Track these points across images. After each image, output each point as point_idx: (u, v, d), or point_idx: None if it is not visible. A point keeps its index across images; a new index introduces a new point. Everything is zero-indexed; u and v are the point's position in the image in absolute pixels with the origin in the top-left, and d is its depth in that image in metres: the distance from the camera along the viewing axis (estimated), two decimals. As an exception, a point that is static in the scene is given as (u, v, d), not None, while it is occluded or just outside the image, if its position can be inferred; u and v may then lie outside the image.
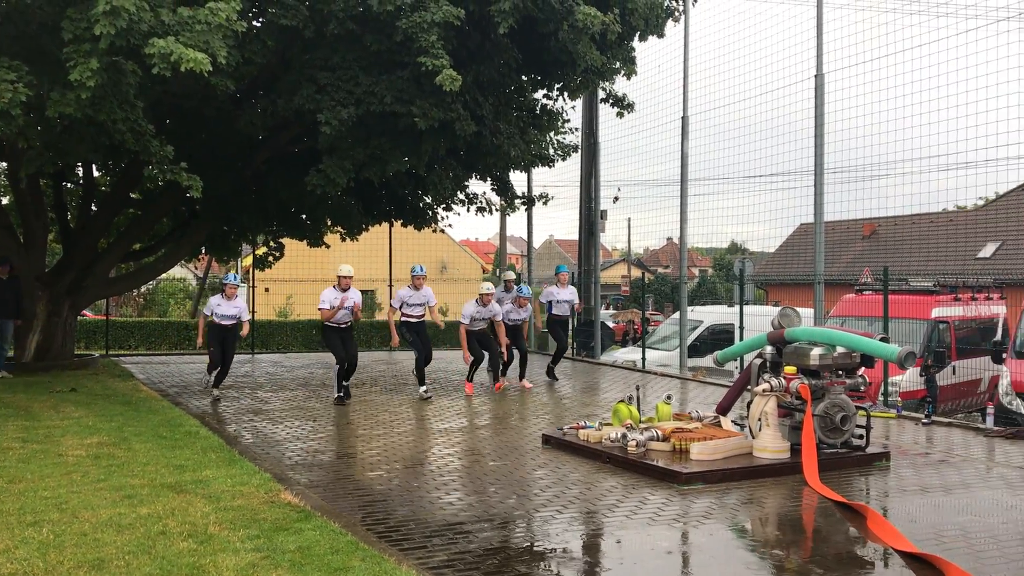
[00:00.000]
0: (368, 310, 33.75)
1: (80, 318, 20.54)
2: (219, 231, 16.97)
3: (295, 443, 9.30)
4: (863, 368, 8.61)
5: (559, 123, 16.07)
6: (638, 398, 9.73)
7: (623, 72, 14.34)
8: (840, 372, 8.40)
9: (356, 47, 12.05)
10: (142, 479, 7.11)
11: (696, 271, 57.92)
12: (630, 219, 34.97)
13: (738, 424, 8.99)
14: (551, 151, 16.35)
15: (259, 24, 12.46)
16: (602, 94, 16.32)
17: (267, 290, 27.80)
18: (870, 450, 8.42)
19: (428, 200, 16.70)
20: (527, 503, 6.89)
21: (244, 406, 11.89)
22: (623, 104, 15.77)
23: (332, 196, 14.16)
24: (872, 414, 8.95)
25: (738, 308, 15.69)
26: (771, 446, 8.07)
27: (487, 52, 12.68)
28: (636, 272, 45.76)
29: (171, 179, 11.68)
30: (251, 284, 20.02)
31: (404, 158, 13.16)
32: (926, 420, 10.75)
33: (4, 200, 17.61)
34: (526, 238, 22.39)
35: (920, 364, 12.21)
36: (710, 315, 20.21)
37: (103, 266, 16.15)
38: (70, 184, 17.25)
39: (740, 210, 18.70)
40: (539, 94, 15.37)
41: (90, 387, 12.73)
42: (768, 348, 8.94)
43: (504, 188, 16.63)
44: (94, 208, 16.47)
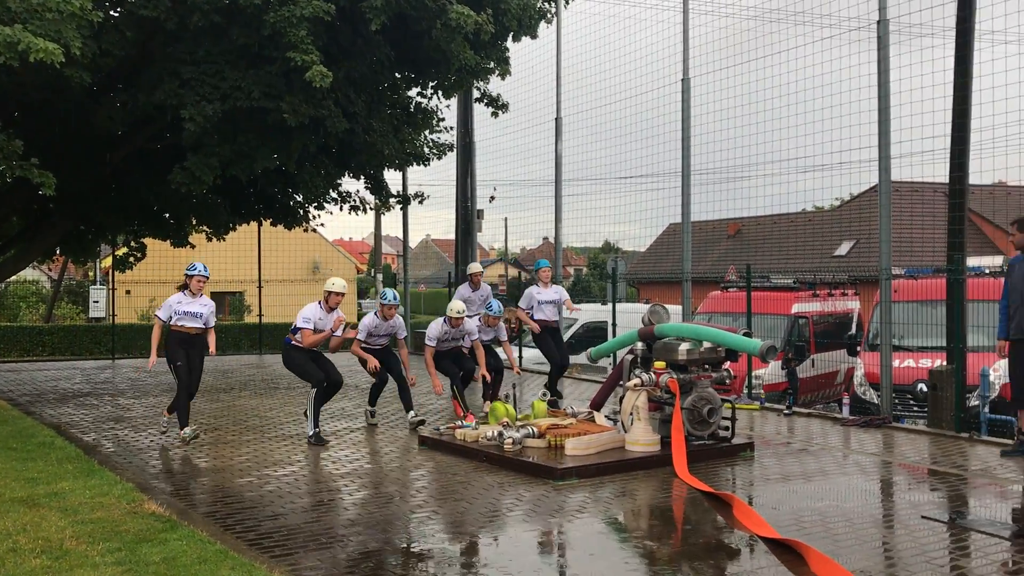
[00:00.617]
0: (236, 312, 32.78)
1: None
2: (75, 231, 16.10)
3: (160, 451, 8.92)
4: (728, 362, 8.91)
5: (434, 122, 15.98)
6: (515, 396, 9.78)
7: (497, 72, 14.38)
8: (707, 366, 8.67)
9: (222, 41, 11.65)
10: (-11, 494, 6.67)
11: (572, 270, 58.87)
12: (507, 219, 35.27)
13: (611, 419, 9.16)
14: (426, 150, 16.25)
15: (117, 14, 11.87)
16: (477, 93, 16.35)
17: (128, 292, 26.55)
18: (736, 441, 8.72)
19: (299, 199, 16.31)
20: (403, 505, 6.82)
21: (105, 414, 11.33)
22: (498, 104, 15.84)
23: (197, 194, 13.64)
24: (737, 406, 9.28)
25: (611, 306, 16.01)
26: (642, 439, 8.26)
27: (359, 49, 12.48)
28: (513, 271, 46.12)
29: (20, 176, 11.00)
30: (111, 287, 19.11)
31: (273, 155, 12.81)
32: (787, 411, 11.24)
33: None
34: (402, 237, 22.22)
35: (781, 357, 12.77)
36: (585, 313, 20.54)
37: (-54, 268, 15.08)
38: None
39: (613, 210, 19.06)
40: (413, 92, 15.26)
41: (-69, 398, 11.88)
42: (639, 344, 9.15)
43: (378, 187, 16.42)
44: (-66, 206, 15.36)
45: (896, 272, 11.16)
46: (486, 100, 15.91)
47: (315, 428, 9.35)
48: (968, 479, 7.59)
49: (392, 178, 20.54)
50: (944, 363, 10.30)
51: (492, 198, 20.34)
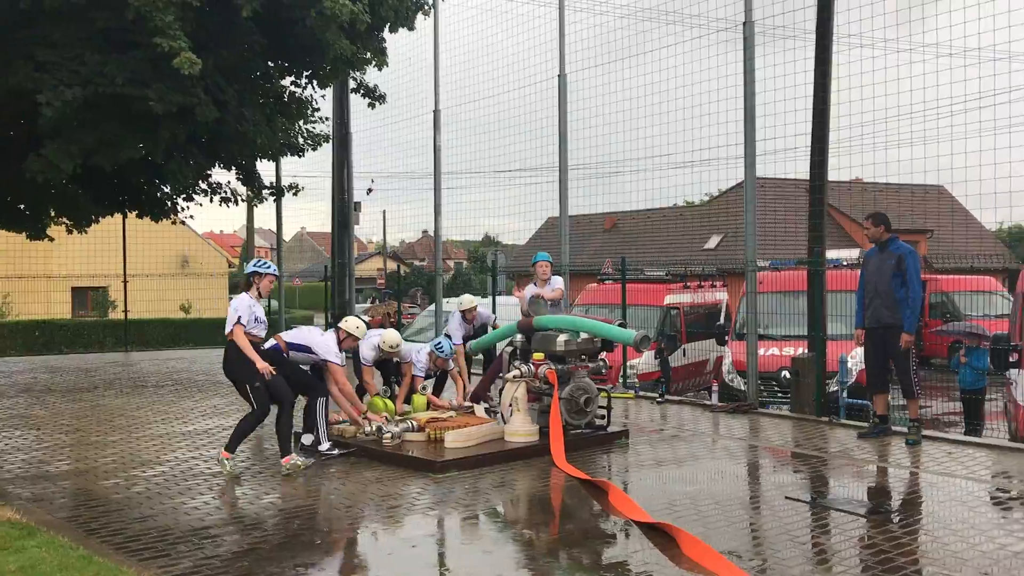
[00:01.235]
0: (100, 309, 31.30)
1: None
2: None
3: (16, 455, 8.44)
4: (604, 352, 9.11)
5: (308, 112, 15.67)
6: (392, 390, 9.71)
7: (374, 63, 14.22)
8: (584, 357, 8.83)
9: (83, 24, 11.08)
10: None
11: (452, 263, 58.83)
12: (385, 211, 34.85)
13: (491, 411, 9.22)
14: (300, 140, 15.92)
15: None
16: (353, 84, 16.12)
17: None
18: (611, 429, 8.93)
19: (167, 190, 15.69)
20: (279, 503, 6.68)
21: (-47, 417, 10.64)
22: (375, 95, 15.67)
23: (56, 184, 12.95)
24: (613, 395, 9.50)
25: (491, 299, 16.08)
26: (521, 430, 8.35)
27: (230, 36, 12.10)
28: (392, 265, 45.75)
29: None
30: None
31: (139, 144, 12.28)
32: (660, 399, 11.57)
33: None
34: (275, 231, 21.69)
35: (654, 347, 13.15)
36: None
37: None
38: None
39: (493, 203, 19.21)
40: (287, 81, 14.91)
41: None
42: (518, 336, 9.24)
43: (250, 178, 15.98)
44: None
45: (761, 264, 11.62)
46: (363, 91, 15.71)
47: (327, 440, 8.27)
48: (828, 461, 8.00)
49: (265, 169, 20.06)
50: (806, 351, 10.82)
51: (370, 190, 20.10)
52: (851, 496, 6.84)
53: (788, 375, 11.58)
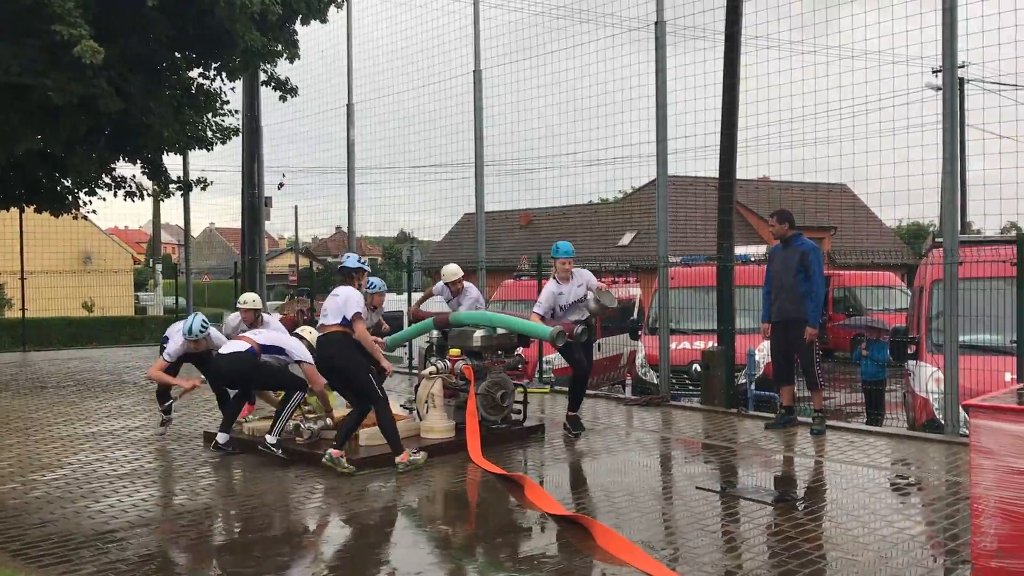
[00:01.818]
0: (-2, 307, 29.97)
1: None
2: None
3: (-96, 461, 8.03)
4: (521, 348, 9.15)
5: (217, 104, 15.28)
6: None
7: (286, 55, 13.96)
8: (500, 352, 8.85)
9: (-27, 9, 10.58)
10: None
11: (366, 259, 58.20)
12: (297, 207, 34.17)
13: (407, 407, 9.16)
14: (209, 133, 15.52)
15: None
16: (264, 77, 15.80)
17: None
18: (528, 424, 8.98)
19: (68, 183, 15.12)
20: (188, 503, 6.52)
21: None
22: (286, 88, 15.39)
23: (-54, 177, 12.36)
24: (529, 390, 9.55)
25: (407, 295, 16.00)
26: (438, 426, 8.33)
27: (135, 25, 11.71)
28: (304, 261, 45.02)
29: None
30: None
31: (38, 136, 11.80)
32: None
33: None
34: (183, 226, 21.12)
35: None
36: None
37: None
38: None
39: (408, 199, 19.03)
40: (195, 73, 14.50)
41: None
42: (435, 332, 9.21)
43: (157, 172, 15.51)
44: None
45: (673, 260, 11.83)
46: (274, 84, 15.41)
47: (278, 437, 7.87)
48: (737, 451, 8.21)
49: (172, 163, 19.48)
50: (715, 345, 11.07)
51: (281, 185, 19.69)
52: (759, 485, 7.03)
53: (699, 368, 11.82)
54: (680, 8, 11.34)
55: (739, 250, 13.18)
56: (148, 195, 16.87)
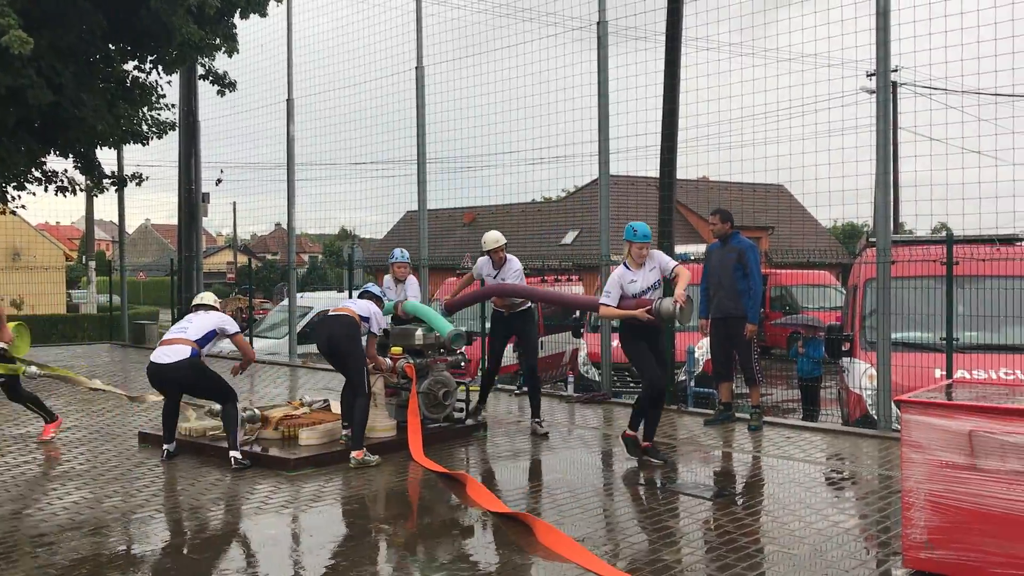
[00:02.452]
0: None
1: None
2: None
3: None
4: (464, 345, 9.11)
5: (153, 98, 14.98)
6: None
7: (224, 49, 13.73)
8: (442, 350, 8.82)
9: None
10: None
11: (306, 257, 57.59)
12: (236, 203, 33.69)
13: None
14: (145, 128, 15.20)
15: None
16: (202, 70, 15.53)
17: None
18: (470, 422, 8.96)
19: (-5, 177, 14.67)
20: (123, 505, 6.36)
21: None
22: (225, 82, 15.15)
23: None
24: (472, 388, 9.53)
25: (348, 293, 15.84)
26: (379, 425, 8.26)
27: (67, 15, 11.41)
28: (243, 259, 44.33)
29: None
30: None
31: (-37, 127, 11.43)
32: (519, 391, 11.69)
33: None
34: (118, 222, 20.62)
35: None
36: (320, 301, 20.19)
37: None
38: None
39: (350, 196, 18.90)
40: (130, 65, 14.20)
41: None
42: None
43: (90, 166, 15.12)
44: None
45: (615, 259, 11.90)
46: (212, 78, 15.16)
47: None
48: (677, 447, 8.30)
49: (106, 157, 18.98)
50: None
51: (219, 181, 19.36)
52: (698, 481, 7.12)
53: (640, 366, 11.91)
54: (622, 8, 11.44)
55: (679, 249, 13.35)
56: (81, 190, 16.45)
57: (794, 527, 5.69)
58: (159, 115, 15.65)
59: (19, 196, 15.57)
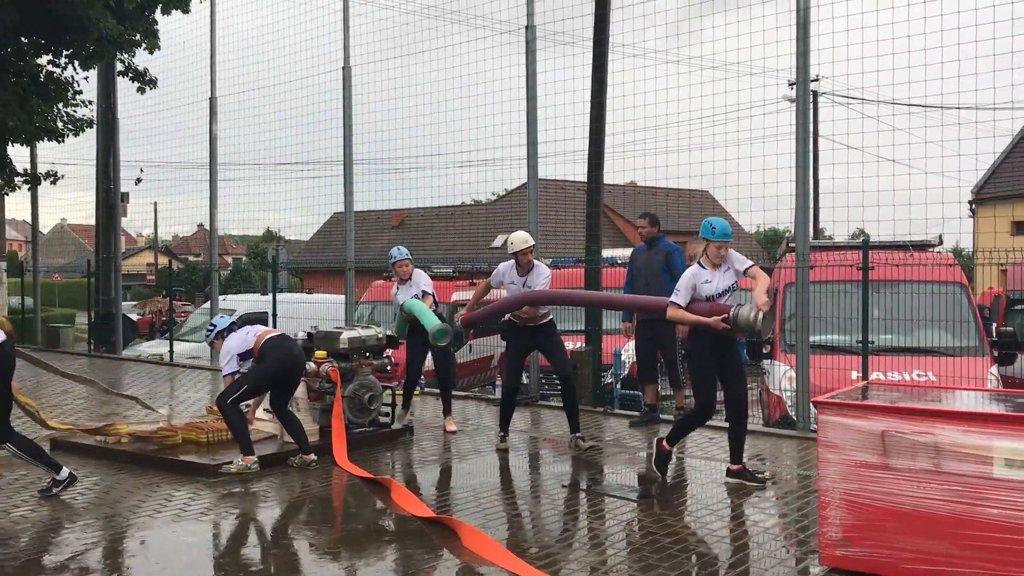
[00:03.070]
0: None
1: None
2: None
3: None
4: (390, 349, 9.04)
5: (69, 94, 14.51)
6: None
7: (144, 45, 13.41)
8: (368, 354, 8.73)
9: None
10: None
11: (230, 259, 56.50)
12: (156, 203, 32.82)
13: (269, 411, 8.89)
14: (60, 124, 14.71)
15: None
16: (121, 67, 15.10)
17: None
18: (396, 426, 8.88)
19: None
20: (32, 515, 6.12)
21: None
22: (145, 79, 14.78)
23: None
24: (398, 392, 9.45)
25: (272, 296, 15.57)
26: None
27: (-24, 6, 11.00)
28: (164, 260, 43.28)
29: None
30: None
31: None
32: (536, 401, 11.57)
33: None
34: (31, 222, 19.91)
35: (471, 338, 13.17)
36: (243, 303, 19.80)
37: None
38: None
39: (275, 197, 18.57)
40: (44, 60, 13.73)
41: None
42: (300, 334, 8.98)
43: (1, 164, 14.58)
44: None
45: (544, 263, 11.93)
46: (131, 74, 14.77)
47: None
48: (603, 449, 8.36)
49: (18, 155, 18.35)
50: (583, 345, 11.25)
51: (138, 180, 18.83)
52: (623, 482, 7.18)
53: (567, 369, 11.96)
54: (550, 14, 11.49)
55: (606, 252, 13.46)
56: (-9, 188, 15.86)
57: (716, 527, 5.77)
58: (75, 112, 15.18)
59: (-76, 193, 14.96)
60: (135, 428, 8.33)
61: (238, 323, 8.05)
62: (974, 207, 26.29)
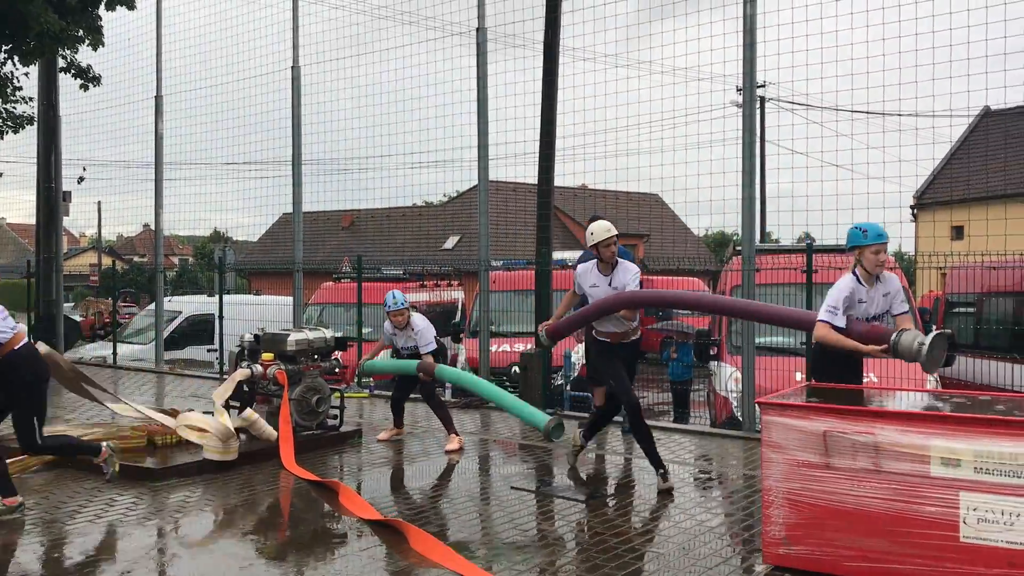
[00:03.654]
0: None
1: None
2: None
3: None
4: (338, 352, 8.97)
5: (9, 90, 14.16)
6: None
7: (88, 42, 13.14)
8: (316, 356, 8.65)
9: None
10: None
11: (176, 260, 55.58)
12: (100, 203, 32.14)
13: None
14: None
15: None
16: (63, 63, 14.78)
17: None
18: (344, 429, 8.82)
19: None
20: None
21: None
22: (88, 76, 14.49)
23: None
24: (347, 395, 9.39)
25: (218, 297, 15.36)
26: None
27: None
28: (108, 260, 42.41)
29: None
30: None
31: None
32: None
33: None
34: (-31, 221, 19.39)
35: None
36: (189, 305, 19.50)
37: None
38: None
39: (222, 197, 18.35)
40: (-17, 55, 13.40)
41: None
42: (247, 335, 8.88)
43: (-64, 161, 14.21)
44: None
45: (494, 264, 11.97)
46: (74, 71, 14.46)
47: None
48: (552, 451, 8.39)
49: (-45, 152, 17.84)
50: (533, 347, 11.28)
51: (81, 179, 18.41)
52: (572, 484, 7.21)
53: (517, 370, 12.00)
54: (501, 16, 11.52)
55: (557, 255, 13.52)
56: (-75, 186, 15.42)
57: (662, 527, 5.84)
58: (15, 108, 14.82)
59: None
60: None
61: None
62: (915, 212, 26.92)
